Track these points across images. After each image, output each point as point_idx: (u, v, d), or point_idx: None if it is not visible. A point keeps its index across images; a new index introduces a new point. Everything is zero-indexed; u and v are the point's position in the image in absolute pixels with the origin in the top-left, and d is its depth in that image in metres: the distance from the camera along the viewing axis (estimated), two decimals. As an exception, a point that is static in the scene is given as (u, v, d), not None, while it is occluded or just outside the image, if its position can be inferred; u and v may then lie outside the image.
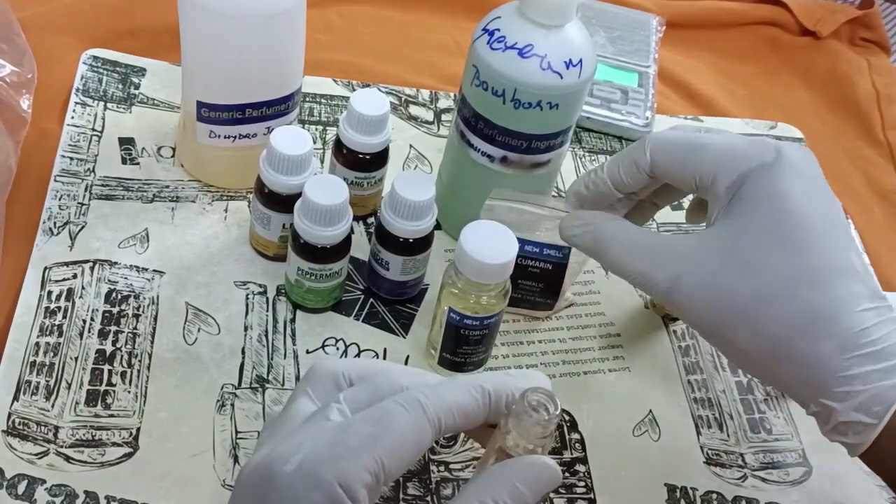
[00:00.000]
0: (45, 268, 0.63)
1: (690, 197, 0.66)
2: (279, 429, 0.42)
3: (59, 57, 0.78)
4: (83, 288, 0.63)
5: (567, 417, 0.63)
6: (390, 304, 0.67)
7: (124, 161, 0.72)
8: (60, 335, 0.60)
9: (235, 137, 0.68)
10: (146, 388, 0.58)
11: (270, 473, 0.39)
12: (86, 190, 0.69)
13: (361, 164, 0.68)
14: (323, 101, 0.81)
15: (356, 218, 0.68)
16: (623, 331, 0.69)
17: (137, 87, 0.78)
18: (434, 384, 0.43)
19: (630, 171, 0.56)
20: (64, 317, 0.61)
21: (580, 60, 0.62)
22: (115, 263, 0.65)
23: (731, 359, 0.53)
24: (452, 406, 0.42)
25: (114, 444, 0.55)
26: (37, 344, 0.59)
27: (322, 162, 0.75)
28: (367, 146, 0.67)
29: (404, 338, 0.65)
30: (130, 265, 0.65)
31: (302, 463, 0.39)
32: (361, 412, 0.41)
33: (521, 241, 0.61)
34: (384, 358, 0.63)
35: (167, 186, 0.70)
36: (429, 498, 0.57)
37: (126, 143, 0.73)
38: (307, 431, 0.41)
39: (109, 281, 0.64)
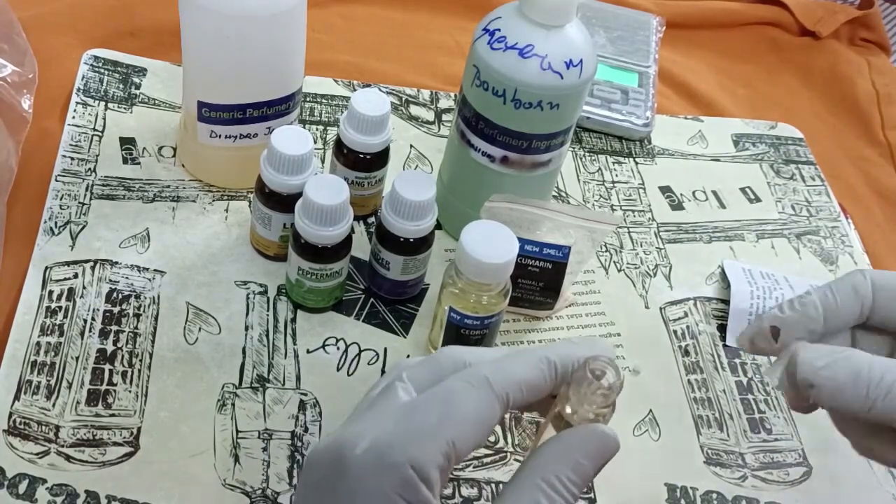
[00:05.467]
0: (46, 267, 0.63)
1: None
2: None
3: (60, 57, 0.78)
4: (84, 287, 0.63)
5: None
6: (391, 304, 0.67)
7: (125, 161, 0.72)
8: (61, 335, 0.60)
9: (236, 137, 0.68)
10: (147, 387, 0.59)
11: (340, 456, 0.38)
12: (87, 190, 0.69)
13: (362, 163, 0.68)
14: (324, 101, 0.81)
15: (357, 218, 0.68)
16: (623, 330, 0.69)
17: (138, 87, 0.78)
18: (499, 358, 0.42)
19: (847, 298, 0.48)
20: (65, 316, 0.61)
21: (580, 60, 0.62)
22: (116, 263, 0.65)
23: None
24: (520, 381, 0.41)
25: (115, 443, 0.55)
26: (38, 343, 0.59)
27: (323, 162, 0.75)
28: (367, 146, 0.67)
29: (405, 337, 0.65)
30: (131, 265, 0.65)
31: (372, 446, 0.38)
32: (428, 391, 0.40)
33: (521, 241, 0.61)
34: (384, 358, 0.64)
35: (168, 186, 0.71)
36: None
37: (127, 142, 0.73)
38: (374, 412, 0.40)
39: (110, 280, 0.64)
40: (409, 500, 0.37)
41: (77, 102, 0.75)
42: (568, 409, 0.41)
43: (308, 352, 0.63)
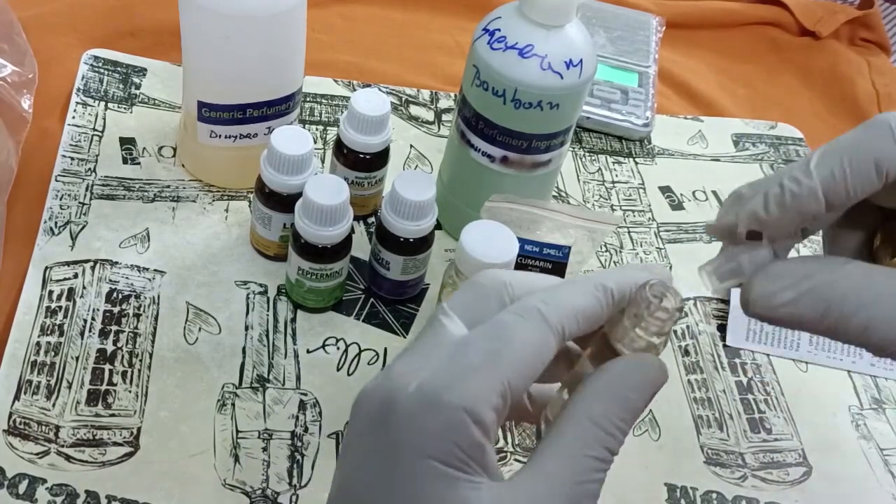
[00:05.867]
0: (46, 267, 0.63)
1: None
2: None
3: (60, 57, 0.78)
4: (84, 287, 0.63)
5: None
6: (391, 304, 0.67)
7: (125, 161, 0.72)
8: (61, 335, 0.60)
9: (236, 137, 0.68)
10: (147, 387, 0.59)
11: (389, 398, 0.36)
12: (87, 190, 0.69)
13: (362, 163, 0.68)
14: (323, 101, 0.81)
15: (357, 218, 0.68)
16: (623, 330, 0.69)
17: (138, 87, 0.78)
18: (549, 287, 0.38)
19: (863, 168, 0.37)
20: (65, 316, 0.61)
21: (580, 60, 0.62)
22: (116, 263, 0.65)
23: None
24: (576, 310, 0.37)
25: (115, 443, 0.55)
26: (38, 343, 0.59)
27: (322, 162, 0.75)
28: (367, 146, 0.67)
29: (405, 337, 0.65)
30: (131, 265, 0.65)
31: (422, 386, 0.35)
32: (478, 328, 0.37)
33: (521, 241, 0.61)
34: (384, 358, 0.64)
35: (168, 186, 0.71)
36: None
37: (127, 142, 0.73)
38: (423, 350, 0.37)
39: (110, 280, 0.64)
40: (460, 443, 0.34)
41: (77, 102, 0.75)
42: (621, 335, 0.38)
43: (308, 352, 0.63)
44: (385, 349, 0.64)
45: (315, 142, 0.76)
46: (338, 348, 0.63)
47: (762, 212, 0.38)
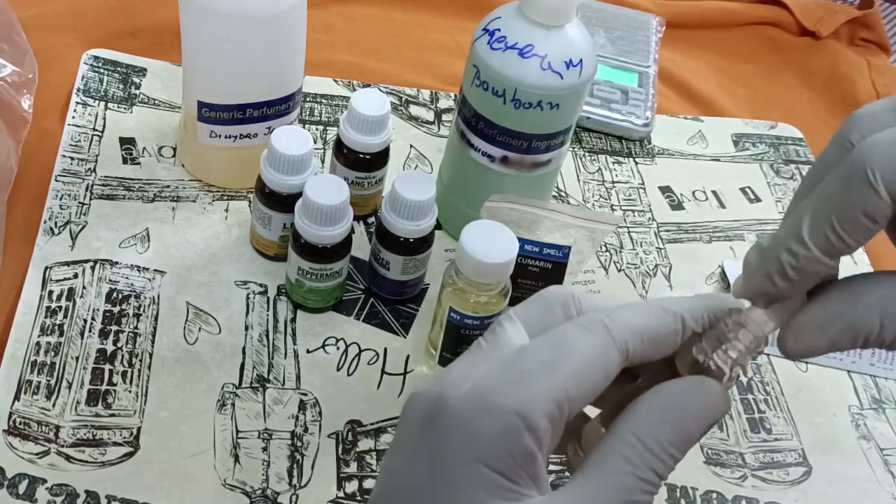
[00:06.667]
0: (46, 267, 0.63)
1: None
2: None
3: (60, 57, 0.78)
4: (84, 287, 0.63)
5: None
6: (391, 304, 0.67)
7: (125, 161, 0.72)
8: (61, 335, 0.60)
9: (236, 137, 0.68)
10: (147, 387, 0.59)
11: (441, 397, 0.34)
12: (87, 190, 0.69)
13: (362, 163, 0.68)
14: (323, 101, 0.81)
15: (356, 218, 0.68)
16: (623, 330, 0.69)
17: (138, 87, 0.78)
18: (619, 306, 0.37)
19: (856, 223, 0.35)
20: (65, 316, 0.61)
21: (580, 60, 0.62)
22: (116, 263, 0.65)
23: None
24: (641, 330, 0.36)
25: (114, 443, 0.55)
26: (38, 343, 0.59)
27: (322, 162, 0.75)
28: (367, 146, 0.67)
29: (405, 337, 0.65)
30: (131, 265, 0.65)
31: (475, 387, 0.34)
32: (539, 337, 0.36)
33: (521, 241, 0.61)
34: (384, 358, 0.64)
35: (168, 186, 0.71)
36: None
37: (127, 142, 0.73)
38: (481, 355, 0.36)
39: (110, 280, 0.64)
40: (510, 449, 0.33)
41: (77, 102, 0.75)
42: (687, 362, 0.36)
43: (308, 352, 0.63)
44: (385, 349, 0.64)
45: (315, 142, 0.76)
46: (338, 348, 0.63)
47: (771, 287, 0.37)
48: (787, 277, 0.36)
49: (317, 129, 0.78)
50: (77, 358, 0.59)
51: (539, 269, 0.64)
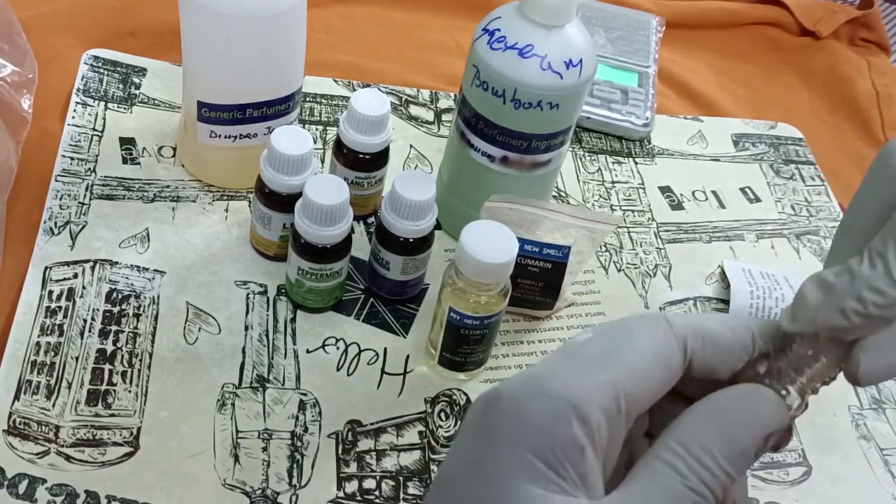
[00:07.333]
0: (46, 267, 0.63)
1: None
2: None
3: (59, 57, 0.78)
4: (84, 287, 0.63)
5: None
6: (391, 304, 0.67)
7: (125, 161, 0.72)
8: (61, 335, 0.60)
9: (236, 137, 0.68)
10: (147, 387, 0.59)
11: (501, 386, 0.34)
12: (86, 190, 0.69)
13: (362, 163, 0.68)
14: (323, 101, 0.81)
15: (356, 218, 0.68)
16: (623, 330, 0.69)
17: (138, 87, 0.78)
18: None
19: None
20: (65, 316, 0.61)
21: (580, 60, 0.62)
22: (116, 263, 0.65)
23: None
24: (704, 331, 0.35)
25: (114, 443, 0.55)
26: (37, 343, 0.59)
27: (322, 162, 0.75)
28: (367, 146, 0.67)
29: (404, 337, 0.65)
30: (131, 265, 0.65)
31: (532, 374, 0.33)
32: (601, 327, 0.35)
33: (521, 241, 0.61)
34: (384, 358, 0.64)
35: (168, 186, 0.71)
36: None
37: (127, 142, 0.73)
38: (551, 355, 0.35)
39: (110, 280, 0.64)
40: (558, 435, 0.32)
41: (77, 102, 0.75)
42: (778, 366, 0.35)
43: (308, 352, 0.63)
44: (385, 349, 0.64)
45: (315, 142, 0.76)
46: (337, 348, 0.63)
47: (845, 323, 0.34)
48: (869, 315, 0.34)
49: (317, 129, 0.78)
50: (77, 358, 0.59)
51: (539, 269, 0.64)
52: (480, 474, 0.32)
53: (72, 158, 0.71)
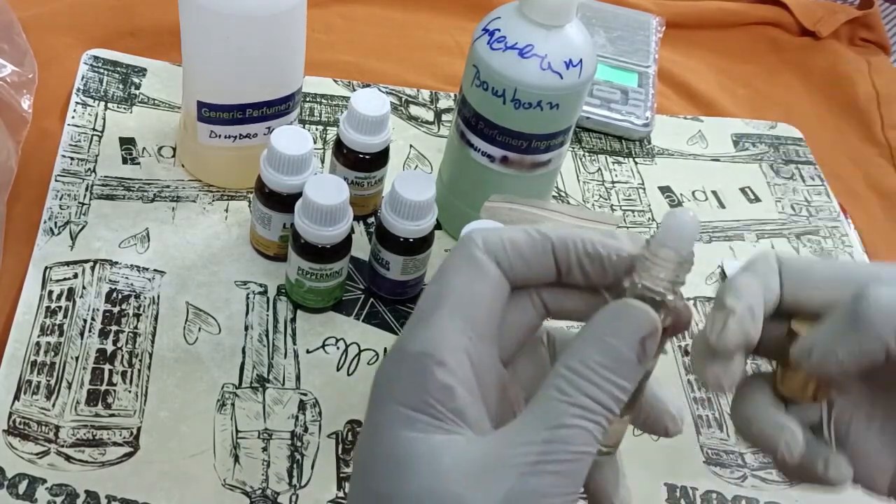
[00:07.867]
0: (46, 267, 0.63)
1: None
2: None
3: (59, 57, 0.78)
4: (84, 287, 0.63)
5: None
6: (391, 304, 0.67)
7: (125, 161, 0.72)
8: (61, 335, 0.60)
9: (236, 137, 0.68)
10: (147, 387, 0.59)
11: (377, 370, 0.37)
12: (86, 190, 0.69)
13: (362, 163, 0.68)
14: (323, 101, 0.81)
15: (356, 218, 0.68)
16: (623, 330, 0.69)
17: (138, 87, 0.78)
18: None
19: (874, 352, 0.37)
20: (65, 316, 0.61)
21: (580, 60, 0.62)
22: (116, 263, 0.65)
23: None
24: (502, 237, 0.37)
25: (114, 443, 0.55)
26: (37, 343, 0.59)
27: (322, 162, 0.75)
28: (367, 146, 0.67)
29: (404, 337, 0.65)
30: (131, 265, 0.65)
31: (393, 346, 0.37)
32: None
33: (522, 241, 0.61)
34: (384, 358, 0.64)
35: (168, 186, 0.71)
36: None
37: (127, 142, 0.73)
38: None
39: (110, 280, 0.64)
40: (425, 386, 0.34)
41: (77, 102, 0.75)
42: (631, 288, 0.36)
43: (308, 352, 0.63)
44: (385, 349, 0.64)
45: (315, 142, 0.76)
46: (337, 348, 0.63)
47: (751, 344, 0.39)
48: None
49: (317, 129, 0.78)
50: (77, 358, 0.59)
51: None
52: (373, 436, 0.35)
53: (72, 158, 0.71)
